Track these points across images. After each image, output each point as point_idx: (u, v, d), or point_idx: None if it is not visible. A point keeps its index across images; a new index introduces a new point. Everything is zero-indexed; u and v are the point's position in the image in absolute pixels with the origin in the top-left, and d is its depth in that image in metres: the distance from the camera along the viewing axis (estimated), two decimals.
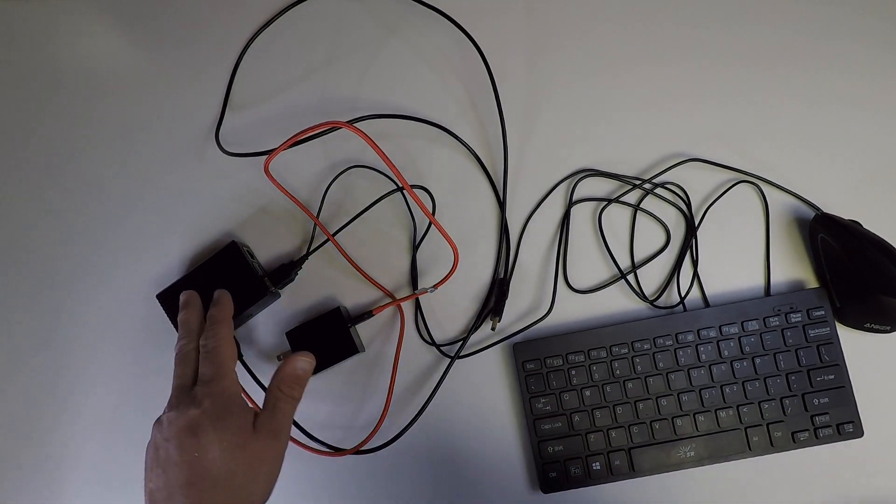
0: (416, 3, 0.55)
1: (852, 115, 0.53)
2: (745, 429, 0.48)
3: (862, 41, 0.54)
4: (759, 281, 0.52)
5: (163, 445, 0.37)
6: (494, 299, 0.51)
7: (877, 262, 0.47)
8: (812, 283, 0.52)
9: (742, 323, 0.49)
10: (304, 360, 0.42)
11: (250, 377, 0.50)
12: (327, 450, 0.48)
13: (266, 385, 0.50)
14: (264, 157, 0.50)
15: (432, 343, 0.51)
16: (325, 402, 0.51)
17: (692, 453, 0.48)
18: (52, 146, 0.55)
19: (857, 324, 0.49)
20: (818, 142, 0.53)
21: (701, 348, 0.49)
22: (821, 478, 0.49)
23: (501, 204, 0.53)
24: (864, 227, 0.50)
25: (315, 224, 0.52)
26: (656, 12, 0.55)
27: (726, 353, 0.49)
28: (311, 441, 0.48)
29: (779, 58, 0.54)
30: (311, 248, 0.52)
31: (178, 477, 0.35)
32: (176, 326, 0.49)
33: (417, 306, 0.52)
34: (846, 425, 0.48)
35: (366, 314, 0.50)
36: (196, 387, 0.39)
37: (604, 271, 0.52)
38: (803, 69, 0.54)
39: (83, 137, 0.55)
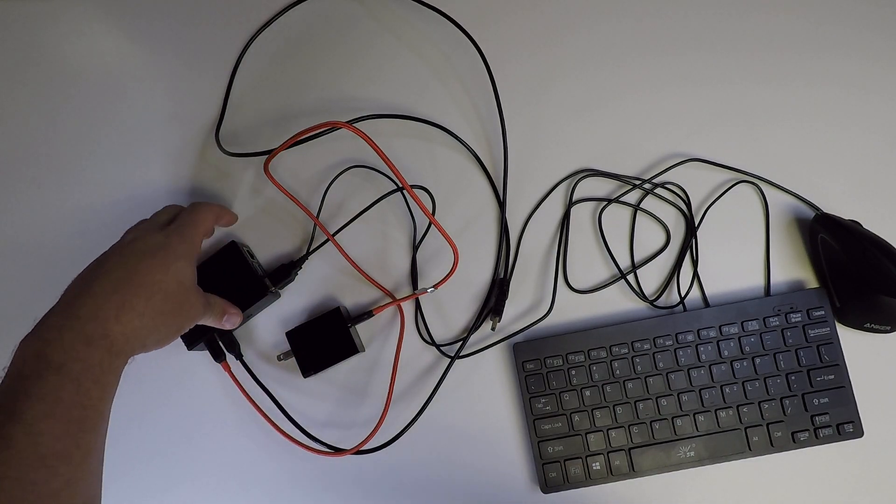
0: (416, 4, 0.55)
1: (853, 115, 0.53)
2: (745, 429, 0.48)
3: (862, 45, 0.54)
4: (759, 281, 0.52)
5: (127, 244, 0.40)
6: (494, 299, 0.51)
7: (877, 262, 0.47)
8: (812, 283, 0.52)
9: (742, 323, 0.49)
10: (238, 315, 0.48)
11: (250, 377, 0.50)
12: (327, 450, 0.48)
13: (265, 385, 0.50)
14: (264, 157, 0.50)
15: (432, 343, 0.51)
16: (325, 402, 0.51)
17: (692, 453, 0.48)
18: (52, 146, 0.55)
19: (857, 324, 0.49)
20: (818, 142, 0.53)
21: (701, 348, 0.49)
22: (821, 478, 0.49)
23: (501, 204, 0.53)
24: (864, 227, 0.50)
25: (315, 224, 0.52)
26: (657, 13, 0.55)
27: (726, 353, 0.49)
28: (311, 441, 0.48)
29: (779, 58, 0.54)
30: (311, 248, 0.52)
31: (128, 266, 0.38)
32: None
33: (417, 306, 0.52)
34: (846, 425, 0.48)
35: (366, 314, 0.50)
36: (171, 225, 0.43)
37: (604, 271, 0.52)
38: (804, 69, 0.54)
39: (83, 138, 0.55)
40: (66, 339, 0.33)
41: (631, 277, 0.52)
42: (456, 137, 0.53)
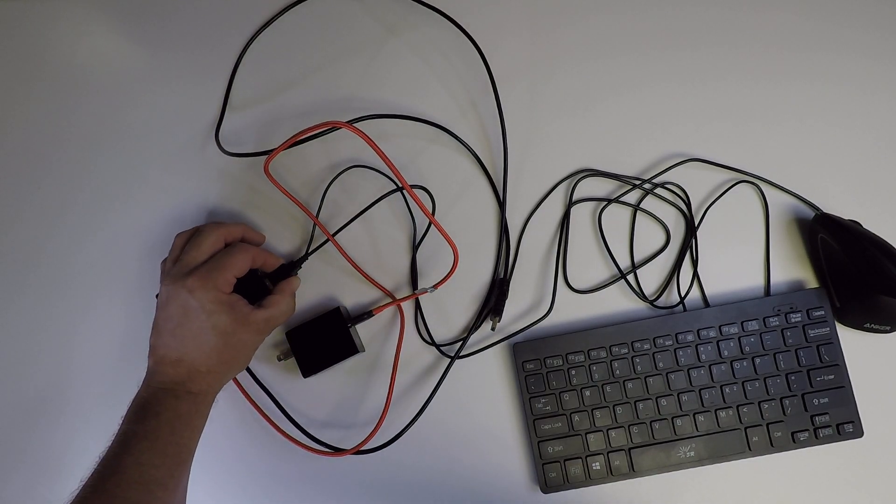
0: (416, 3, 0.55)
1: (853, 115, 0.53)
2: (745, 429, 0.48)
3: (862, 44, 0.54)
4: (759, 281, 0.52)
5: (163, 316, 0.43)
6: (494, 299, 0.51)
7: (877, 262, 0.47)
8: (812, 283, 0.52)
9: (742, 323, 0.49)
10: (298, 280, 0.50)
11: (250, 377, 0.50)
12: (327, 450, 0.48)
13: (265, 385, 0.50)
14: (264, 157, 0.50)
15: (432, 343, 0.51)
16: (325, 402, 0.51)
17: (692, 453, 0.48)
18: (52, 146, 0.55)
19: (857, 324, 0.49)
20: (818, 142, 0.53)
21: (701, 348, 0.49)
22: (821, 478, 0.49)
23: (501, 204, 0.53)
24: (864, 227, 0.50)
25: (315, 224, 0.52)
26: (657, 13, 0.55)
27: (726, 353, 0.49)
28: (311, 441, 0.48)
29: (779, 58, 0.54)
30: (311, 249, 0.52)
31: (173, 346, 0.42)
32: None
33: (417, 306, 0.52)
34: (846, 425, 0.48)
35: (366, 314, 0.50)
36: (196, 272, 0.43)
37: (604, 271, 0.52)
38: (804, 69, 0.54)
39: (83, 137, 0.55)
40: (160, 396, 0.41)
41: (631, 277, 0.52)
42: (456, 137, 0.53)
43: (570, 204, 0.53)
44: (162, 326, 0.43)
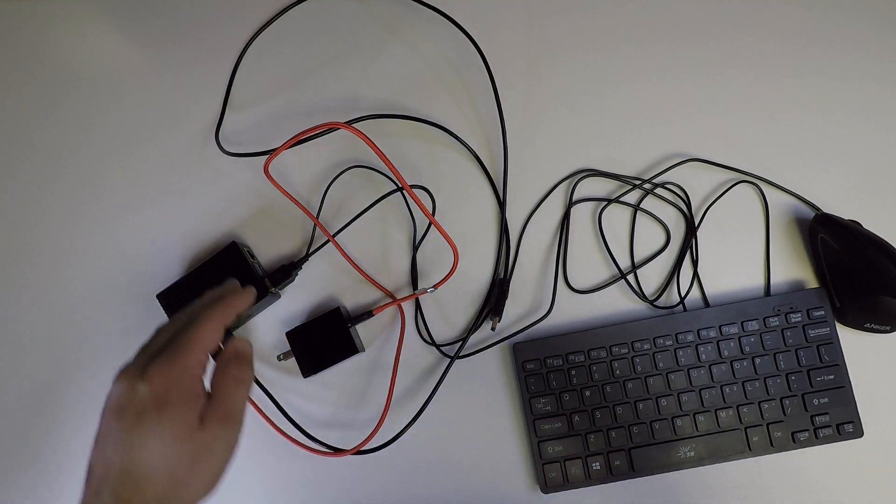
0: (416, 4, 0.55)
1: (852, 116, 0.53)
2: (745, 429, 0.48)
3: (861, 44, 0.54)
4: (759, 281, 0.52)
5: (109, 422, 0.33)
6: (494, 299, 0.51)
7: (877, 262, 0.47)
8: (812, 283, 0.52)
9: (742, 323, 0.49)
10: (244, 341, 0.39)
11: None
12: (327, 450, 0.48)
13: (265, 385, 0.50)
14: (264, 157, 0.50)
15: (432, 343, 0.51)
16: (325, 402, 0.51)
17: (692, 453, 0.48)
18: (52, 146, 0.55)
19: (857, 324, 0.49)
20: (818, 142, 0.53)
21: (701, 348, 0.49)
22: (821, 478, 0.49)
23: (501, 204, 0.53)
24: (864, 227, 0.50)
25: (315, 224, 0.52)
26: (657, 14, 0.55)
27: (726, 353, 0.49)
28: (311, 441, 0.48)
29: (779, 59, 0.54)
30: (312, 249, 0.52)
31: (115, 460, 0.33)
32: None
33: (417, 306, 0.52)
34: (846, 425, 0.48)
35: (366, 314, 0.50)
36: (157, 359, 0.34)
37: (604, 271, 0.52)
38: (803, 70, 0.54)
39: (83, 138, 0.55)
40: None
41: (631, 277, 0.52)
42: (456, 137, 0.53)
43: (570, 204, 0.53)
44: (100, 447, 0.34)
